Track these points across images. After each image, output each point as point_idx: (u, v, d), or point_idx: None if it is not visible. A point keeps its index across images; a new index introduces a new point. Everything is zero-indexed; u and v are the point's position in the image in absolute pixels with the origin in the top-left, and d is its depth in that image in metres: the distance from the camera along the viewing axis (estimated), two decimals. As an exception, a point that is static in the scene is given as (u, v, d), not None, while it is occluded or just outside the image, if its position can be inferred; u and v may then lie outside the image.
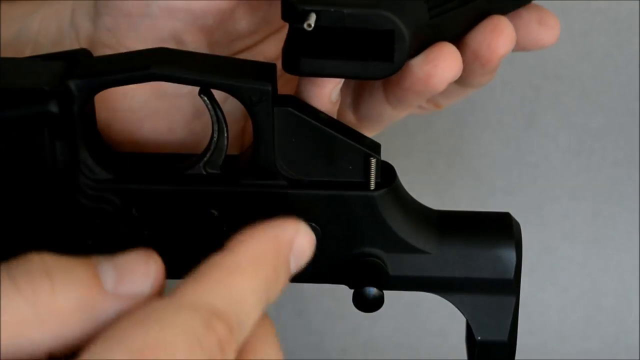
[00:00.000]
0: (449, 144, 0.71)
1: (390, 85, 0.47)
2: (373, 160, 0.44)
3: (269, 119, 0.43)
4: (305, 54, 0.43)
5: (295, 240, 0.38)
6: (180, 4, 0.48)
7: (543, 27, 0.50)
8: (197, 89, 0.44)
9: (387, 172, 0.45)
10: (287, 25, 0.44)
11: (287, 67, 0.44)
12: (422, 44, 0.45)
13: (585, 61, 0.69)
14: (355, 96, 0.50)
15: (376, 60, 0.43)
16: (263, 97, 0.42)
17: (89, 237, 0.44)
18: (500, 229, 0.45)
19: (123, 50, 0.49)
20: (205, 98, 0.43)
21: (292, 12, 0.42)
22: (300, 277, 0.46)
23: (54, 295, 0.34)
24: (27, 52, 0.50)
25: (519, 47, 0.50)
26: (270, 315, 0.46)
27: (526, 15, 0.50)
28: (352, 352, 0.78)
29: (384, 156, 0.45)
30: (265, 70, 0.43)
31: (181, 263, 0.45)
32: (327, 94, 0.45)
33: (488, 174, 0.73)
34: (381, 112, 0.49)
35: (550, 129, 0.71)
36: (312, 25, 0.41)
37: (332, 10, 0.42)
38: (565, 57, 0.68)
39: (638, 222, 0.73)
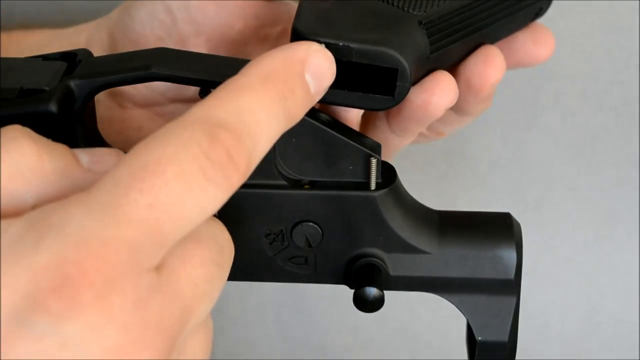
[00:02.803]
0: (449, 144, 0.71)
1: (392, 114, 0.49)
2: (374, 161, 0.44)
3: (269, 119, 0.43)
4: None
5: (308, 57, 0.39)
6: (196, 38, 0.49)
7: (538, 45, 0.52)
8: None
9: (388, 173, 0.45)
10: None
11: None
12: (421, 74, 0.47)
13: (585, 61, 0.69)
14: (361, 126, 0.51)
15: (377, 94, 0.44)
16: (263, 97, 0.42)
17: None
18: (501, 229, 0.45)
19: (137, 86, 0.50)
20: (206, 98, 0.43)
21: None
22: (301, 277, 0.46)
23: (40, 158, 0.36)
24: None
25: (516, 65, 0.52)
26: (270, 315, 0.46)
27: (520, 35, 0.52)
28: (352, 351, 0.78)
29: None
30: (265, 70, 0.43)
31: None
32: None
33: (488, 174, 0.72)
34: (386, 140, 0.50)
35: (550, 129, 0.71)
36: None
37: (340, 44, 0.43)
38: (565, 57, 0.68)
39: (638, 222, 0.73)
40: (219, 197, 0.35)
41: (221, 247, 0.37)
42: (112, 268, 0.32)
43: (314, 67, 0.39)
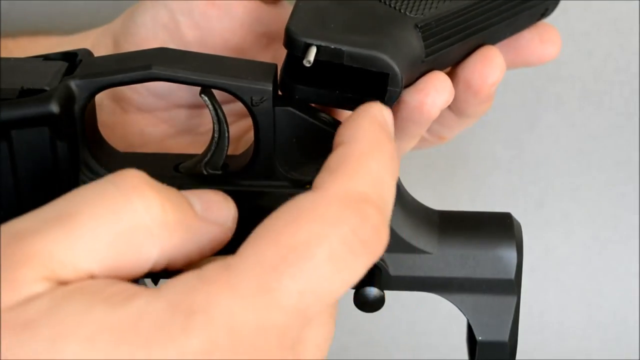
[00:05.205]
0: (449, 144, 0.71)
1: None
2: (374, 161, 0.44)
3: (269, 119, 0.43)
4: (301, 82, 0.44)
5: (386, 118, 0.40)
6: (200, 43, 0.50)
7: (544, 44, 0.52)
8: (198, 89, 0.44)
9: (388, 172, 0.45)
10: None
11: (283, 90, 0.44)
12: (416, 76, 0.47)
13: (586, 61, 0.69)
14: None
15: (368, 97, 0.44)
16: (264, 98, 0.42)
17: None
18: (501, 229, 0.45)
19: (140, 90, 0.50)
20: (206, 98, 0.43)
21: (293, 43, 0.43)
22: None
23: (164, 210, 0.35)
24: None
25: (522, 64, 0.52)
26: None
27: (527, 33, 0.52)
28: (352, 351, 0.78)
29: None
30: (266, 70, 0.43)
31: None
32: None
33: (488, 174, 0.73)
34: None
35: (551, 129, 0.71)
36: (312, 61, 0.42)
37: (332, 47, 0.43)
38: (565, 58, 0.68)
39: (638, 222, 0.73)
40: (362, 271, 0.35)
41: None
42: (263, 354, 0.33)
43: (389, 121, 0.40)
